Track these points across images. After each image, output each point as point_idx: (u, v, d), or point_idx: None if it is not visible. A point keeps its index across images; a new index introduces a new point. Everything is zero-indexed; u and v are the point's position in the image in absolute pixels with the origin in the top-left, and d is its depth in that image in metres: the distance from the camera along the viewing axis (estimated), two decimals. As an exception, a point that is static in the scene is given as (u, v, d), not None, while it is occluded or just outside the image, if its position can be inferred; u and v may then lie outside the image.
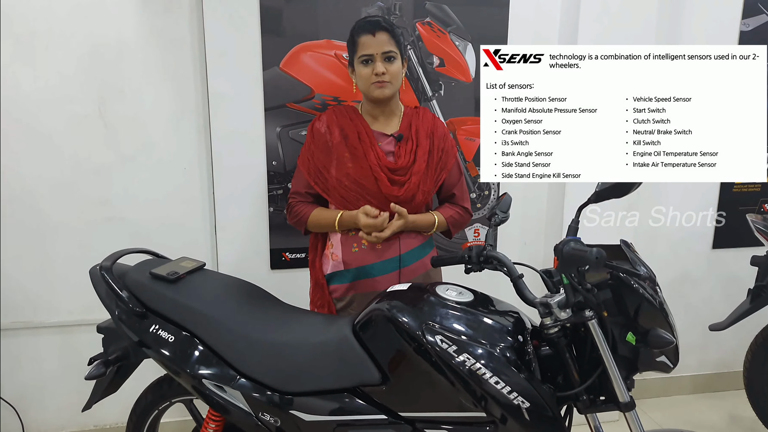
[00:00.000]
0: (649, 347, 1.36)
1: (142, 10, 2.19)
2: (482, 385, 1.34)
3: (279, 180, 2.36)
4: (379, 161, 1.82)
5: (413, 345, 1.40)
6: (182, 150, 2.32)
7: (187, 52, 2.25)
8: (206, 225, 2.40)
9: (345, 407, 1.47)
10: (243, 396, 1.53)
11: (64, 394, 2.43)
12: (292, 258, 2.42)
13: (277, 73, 2.27)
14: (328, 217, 1.85)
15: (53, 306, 2.37)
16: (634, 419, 1.40)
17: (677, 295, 2.84)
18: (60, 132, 2.22)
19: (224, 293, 1.71)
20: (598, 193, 1.45)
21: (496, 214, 1.64)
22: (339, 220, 1.82)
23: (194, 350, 1.57)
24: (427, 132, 1.89)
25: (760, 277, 2.33)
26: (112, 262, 1.69)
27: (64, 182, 2.26)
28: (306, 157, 1.89)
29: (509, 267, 1.46)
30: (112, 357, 1.68)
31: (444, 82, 2.42)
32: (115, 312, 1.64)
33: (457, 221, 1.96)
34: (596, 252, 1.26)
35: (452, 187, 1.97)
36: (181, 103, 2.29)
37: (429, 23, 2.37)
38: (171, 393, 1.78)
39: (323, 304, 1.92)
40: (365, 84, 1.80)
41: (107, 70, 2.21)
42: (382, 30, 1.76)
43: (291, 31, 2.26)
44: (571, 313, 1.37)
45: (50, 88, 2.18)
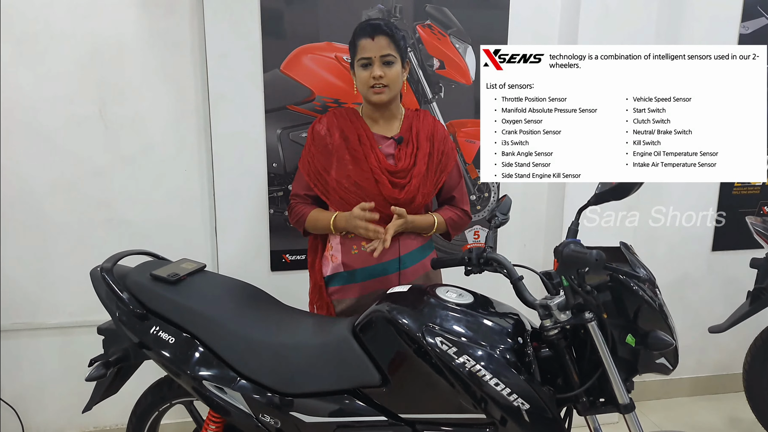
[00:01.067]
0: (649, 349, 1.37)
1: (142, 11, 2.19)
2: (482, 386, 1.34)
3: (279, 182, 2.36)
4: (380, 164, 1.82)
5: (413, 347, 1.40)
6: (183, 151, 2.32)
7: (187, 54, 2.26)
8: (206, 226, 2.40)
9: (345, 409, 1.48)
10: (243, 397, 1.53)
11: (64, 395, 2.43)
12: (292, 260, 2.42)
13: (277, 75, 2.28)
14: (324, 218, 1.85)
15: (54, 307, 2.37)
16: (634, 421, 1.40)
17: (677, 298, 2.84)
18: (61, 133, 2.22)
19: (225, 295, 1.71)
20: (598, 195, 1.45)
21: (496, 216, 1.64)
22: (333, 221, 1.82)
23: (194, 352, 1.57)
24: (427, 135, 1.89)
25: (760, 280, 2.33)
26: (112, 264, 1.69)
27: (65, 183, 2.26)
28: (306, 159, 1.90)
29: (509, 269, 1.46)
30: (112, 358, 1.69)
31: (444, 84, 2.43)
32: (115, 313, 1.64)
33: (457, 223, 1.96)
34: (596, 254, 1.26)
35: (452, 189, 1.97)
36: (182, 104, 2.29)
37: (429, 26, 2.37)
38: (171, 394, 1.78)
39: (322, 305, 1.92)
40: (364, 87, 1.81)
41: (108, 71, 2.21)
42: (382, 34, 1.77)
43: (291, 33, 2.26)
44: (570, 315, 1.38)
45: (51, 89, 2.18)
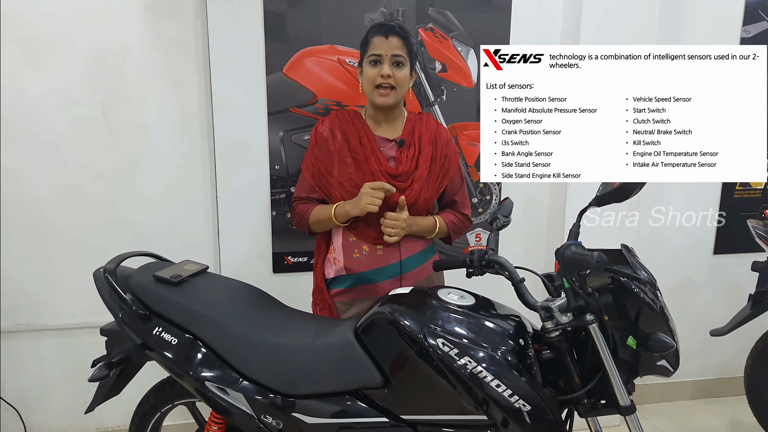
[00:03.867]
0: (650, 351, 1.37)
1: (146, 15, 2.21)
2: (483, 388, 1.34)
3: (282, 184, 2.37)
4: (380, 167, 1.82)
5: (415, 348, 1.40)
6: (185, 154, 2.33)
7: (191, 57, 2.27)
8: (209, 228, 2.41)
9: (347, 410, 1.48)
10: (245, 398, 1.54)
11: (66, 396, 2.44)
12: (294, 262, 2.43)
13: (280, 78, 2.29)
14: (325, 211, 1.84)
15: (56, 308, 2.37)
16: (635, 423, 1.40)
17: (678, 301, 2.83)
18: (64, 136, 2.23)
19: (227, 296, 1.72)
20: (599, 197, 1.45)
21: (497, 218, 1.64)
22: (334, 211, 1.81)
23: (197, 353, 1.58)
24: (430, 138, 1.89)
25: (761, 283, 2.33)
26: (115, 265, 1.70)
27: (68, 185, 2.27)
28: (309, 161, 1.90)
29: (511, 271, 1.46)
30: (115, 359, 1.69)
31: (446, 87, 2.43)
32: (118, 314, 1.64)
33: (458, 227, 1.97)
34: (597, 256, 1.27)
35: (454, 193, 1.97)
36: (185, 107, 2.30)
37: (431, 29, 2.38)
38: (173, 395, 1.78)
39: (324, 307, 1.93)
40: (369, 86, 1.81)
41: (111, 74, 2.22)
42: (396, 35, 1.78)
43: (294, 36, 2.27)
44: (572, 317, 1.38)
45: (54, 92, 2.20)
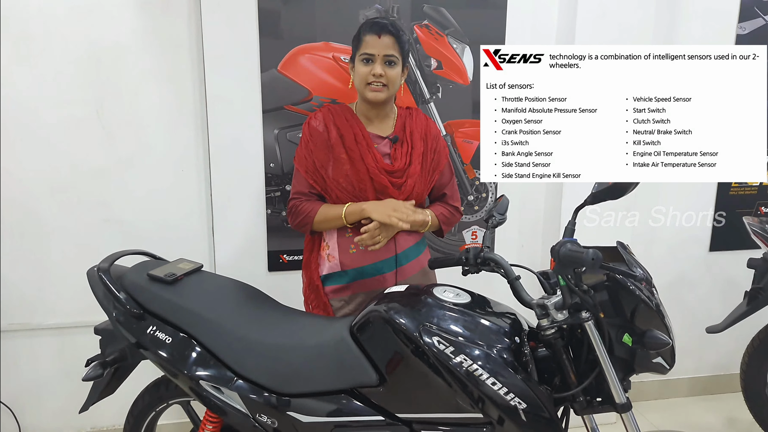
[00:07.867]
0: (646, 348, 1.37)
1: (140, 12, 2.19)
2: (479, 386, 1.34)
3: (276, 182, 2.36)
4: (377, 163, 1.82)
5: (410, 346, 1.40)
6: (180, 152, 2.32)
7: (185, 55, 2.25)
8: (204, 226, 2.40)
9: (342, 408, 1.47)
10: (240, 397, 1.53)
11: (61, 395, 2.43)
12: (289, 260, 2.42)
13: (274, 76, 2.28)
14: (334, 211, 1.82)
15: (50, 308, 2.36)
16: (631, 420, 1.41)
17: (674, 298, 2.84)
18: (58, 134, 2.22)
19: (222, 295, 1.71)
20: (595, 194, 1.45)
21: (493, 216, 1.64)
22: (345, 212, 1.80)
23: (192, 352, 1.57)
24: (420, 134, 1.90)
25: (757, 280, 2.33)
26: (109, 264, 1.69)
27: (62, 184, 2.26)
28: (303, 155, 1.87)
29: (506, 269, 1.46)
30: (109, 358, 1.68)
31: (442, 84, 2.43)
32: (112, 313, 1.64)
33: (448, 219, 1.97)
34: (592, 253, 1.27)
35: (443, 187, 1.98)
36: (179, 105, 2.29)
37: (427, 26, 2.37)
38: (168, 395, 1.78)
39: (318, 305, 1.92)
40: (361, 83, 1.80)
41: (105, 72, 2.21)
42: (389, 34, 1.77)
43: (289, 34, 2.26)
44: (567, 314, 1.38)
45: (48, 89, 2.18)
